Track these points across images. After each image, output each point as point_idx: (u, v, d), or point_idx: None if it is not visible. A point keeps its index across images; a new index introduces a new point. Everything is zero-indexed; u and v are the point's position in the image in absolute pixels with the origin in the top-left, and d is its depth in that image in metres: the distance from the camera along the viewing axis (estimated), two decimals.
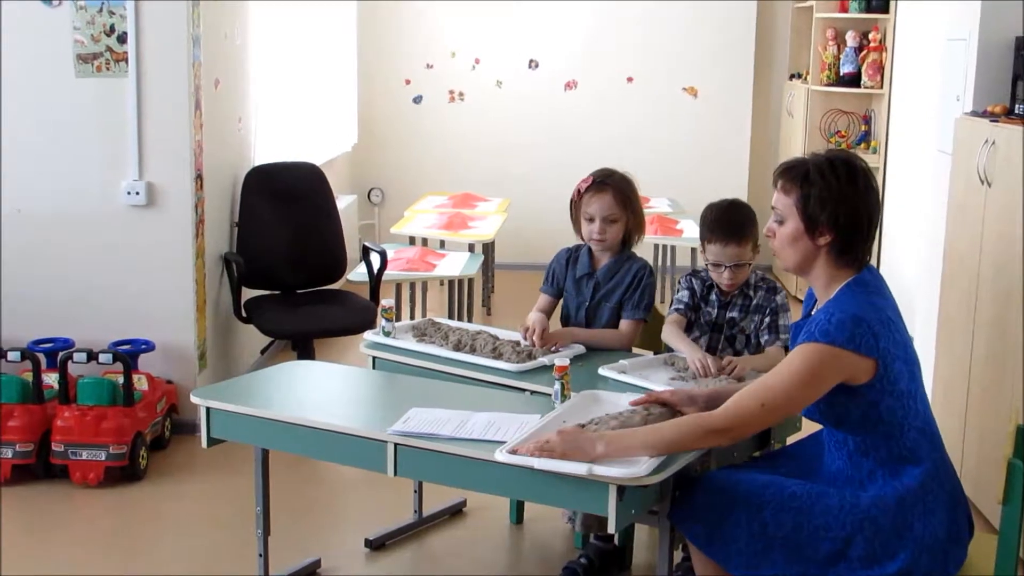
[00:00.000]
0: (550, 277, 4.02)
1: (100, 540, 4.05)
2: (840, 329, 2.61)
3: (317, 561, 3.81)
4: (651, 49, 8.78)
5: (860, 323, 2.62)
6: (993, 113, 4.28)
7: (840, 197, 2.68)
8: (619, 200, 3.83)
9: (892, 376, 2.65)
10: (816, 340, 2.62)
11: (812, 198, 2.70)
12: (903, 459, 2.68)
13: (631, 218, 3.87)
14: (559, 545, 4.02)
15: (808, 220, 2.71)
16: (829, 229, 2.70)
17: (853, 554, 2.61)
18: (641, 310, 3.83)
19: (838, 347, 2.60)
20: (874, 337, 2.62)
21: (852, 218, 2.69)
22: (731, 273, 3.62)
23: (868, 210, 2.72)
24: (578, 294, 3.94)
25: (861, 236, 2.72)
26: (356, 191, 8.73)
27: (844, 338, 2.60)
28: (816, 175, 2.71)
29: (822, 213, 2.69)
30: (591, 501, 2.71)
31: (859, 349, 2.60)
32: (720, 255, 3.61)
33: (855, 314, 2.63)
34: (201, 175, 4.99)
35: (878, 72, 7.42)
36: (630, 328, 3.84)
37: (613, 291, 3.87)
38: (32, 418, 4.45)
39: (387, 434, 2.99)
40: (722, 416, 2.69)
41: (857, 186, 2.70)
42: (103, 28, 4.74)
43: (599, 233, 3.83)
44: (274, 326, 5.18)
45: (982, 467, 4.06)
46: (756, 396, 2.68)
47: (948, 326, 4.54)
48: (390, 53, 8.90)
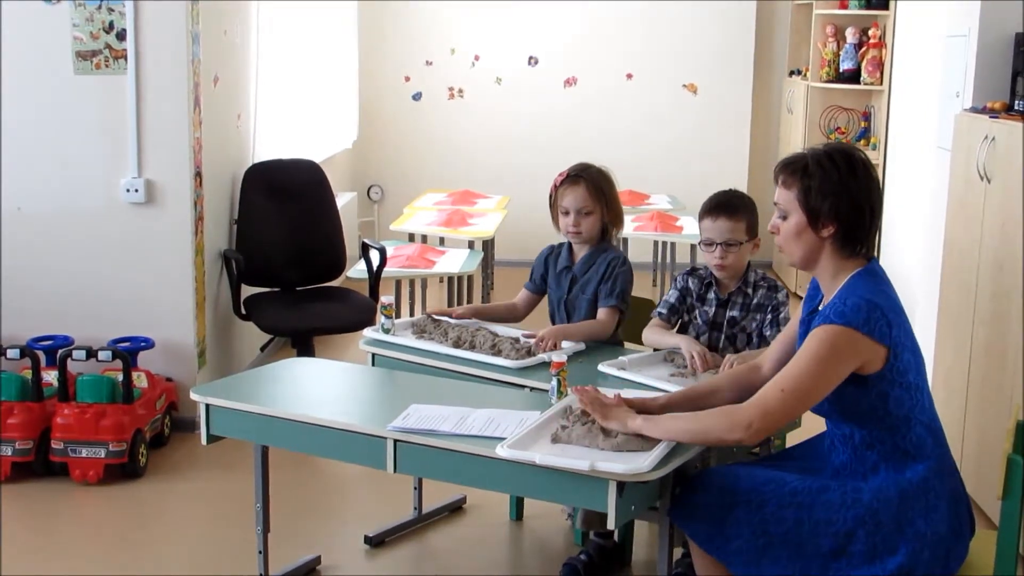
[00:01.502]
0: (532, 273, 4.08)
1: (100, 537, 4.05)
2: (856, 312, 2.61)
3: (317, 558, 3.81)
4: (651, 46, 8.78)
5: (875, 308, 2.62)
6: (993, 109, 4.28)
7: (840, 188, 2.69)
8: (592, 193, 3.87)
9: (902, 367, 2.65)
10: (832, 322, 2.63)
11: (813, 190, 2.70)
12: (907, 454, 2.68)
13: (606, 210, 3.91)
14: (559, 542, 4.02)
15: (811, 213, 2.72)
16: (832, 220, 2.70)
17: (854, 549, 2.61)
18: (614, 298, 3.84)
19: (853, 329, 2.60)
20: (888, 325, 2.62)
21: (854, 208, 2.70)
22: (722, 251, 3.60)
23: (869, 199, 2.72)
24: (558, 288, 3.99)
25: (864, 225, 2.72)
26: (356, 188, 8.73)
27: (860, 321, 2.60)
28: (815, 168, 2.72)
29: (824, 205, 2.69)
30: (591, 497, 2.71)
31: (873, 334, 2.60)
32: (711, 230, 3.62)
33: (870, 299, 2.64)
34: (200, 172, 4.98)
35: (878, 68, 7.42)
36: (606, 315, 3.85)
37: (588, 283, 3.90)
38: (32, 416, 4.45)
39: (387, 431, 2.99)
40: (746, 408, 2.69)
41: (857, 176, 2.71)
42: (102, 25, 4.74)
43: (574, 226, 3.88)
44: (273, 323, 5.18)
45: (982, 463, 4.06)
46: (776, 383, 2.67)
47: (948, 322, 4.54)
48: (390, 50, 8.90)
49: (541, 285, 4.06)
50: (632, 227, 7.01)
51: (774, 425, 2.67)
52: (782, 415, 2.65)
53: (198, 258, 4.97)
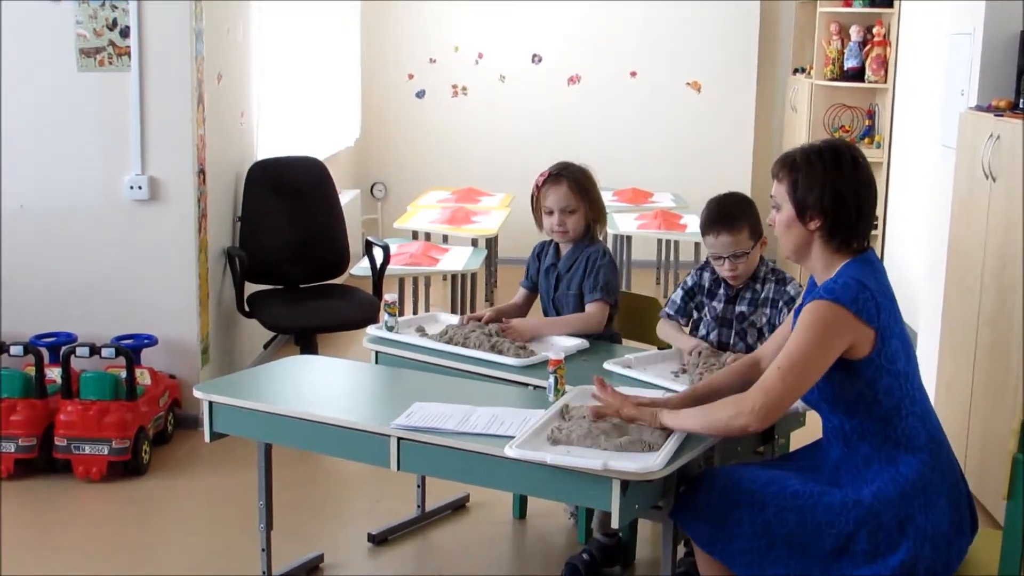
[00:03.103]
0: (528, 271, 4.11)
1: (103, 535, 4.05)
2: (845, 290, 2.64)
3: (320, 556, 3.80)
4: (654, 44, 8.77)
5: (864, 289, 2.65)
6: (997, 107, 4.27)
7: (823, 181, 2.73)
8: (575, 190, 3.89)
9: (890, 353, 2.66)
10: (821, 298, 2.66)
11: (799, 184, 2.75)
12: (899, 445, 2.68)
13: (589, 207, 3.92)
14: (562, 540, 4.02)
15: (798, 205, 2.76)
16: (818, 213, 2.74)
17: (856, 549, 2.61)
18: (599, 290, 3.85)
19: (841, 306, 2.63)
20: (876, 307, 2.65)
21: (837, 201, 2.72)
22: (731, 264, 3.61)
23: (855, 192, 2.74)
24: (546, 286, 4.01)
25: (850, 218, 2.74)
26: (359, 186, 8.73)
27: (848, 299, 2.63)
28: (802, 161, 2.77)
29: (809, 197, 2.74)
30: (595, 496, 2.71)
31: (861, 314, 2.62)
32: (716, 246, 3.61)
33: (859, 280, 2.67)
34: (204, 169, 4.98)
35: (882, 67, 7.40)
36: (594, 309, 3.86)
37: (572, 280, 3.92)
38: (35, 412, 4.45)
39: (390, 428, 2.99)
40: (749, 393, 2.72)
41: (841, 169, 2.74)
42: (106, 22, 4.73)
43: (559, 225, 3.90)
44: (277, 321, 5.18)
45: (986, 463, 4.06)
46: (775, 364, 2.70)
47: (952, 321, 4.53)
48: (393, 48, 8.89)
49: (536, 281, 4.08)
50: (635, 225, 7.02)
51: (776, 405, 2.68)
52: (783, 393, 2.67)
53: (201, 255, 4.97)
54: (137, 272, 4.90)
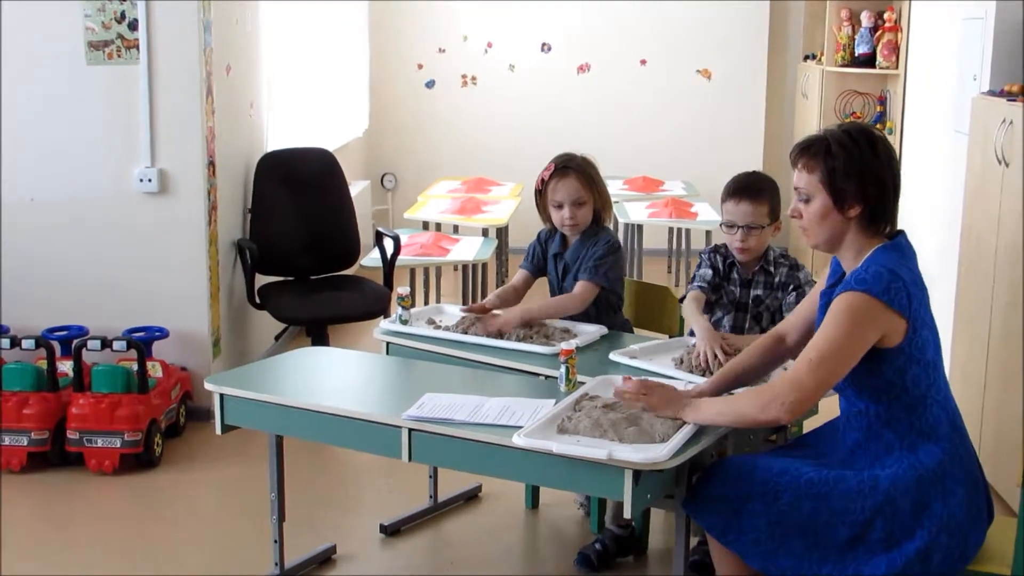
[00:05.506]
0: (529, 253, 4.07)
1: (116, 527, 4.06)
2: (877, 280, 2.60)
3: (332, 547, 3.81)
4: (664, 32, 8.74)
5: (896, 278, 2.61)
6: (1010, 92, 4.25)
7: (865, 167, 2.68)
8: (584, 182, 3.87)
9: (920, 343, 2.64)
10: (853, 289, 2.62)
11: (838, 172, 2.69)
12: (922, 434, 2.66)
13: (597, 198, 3.92)
14: (574, 531, 4.02)
15: (836, 194, 2.70)
16: (858, 200, 2.69)
17: (872, 537, 2.59)
18: (588, 271, 3.82)
19: (873, 296, 2.59)
20: (908, 297, 2.61)
21: (879, 186, 2.70)
22: (743, 235, 3.59)
23: (892, 175, 2.72)
24: (554, 272, 4.00)
25: (889, 202, 2.72)
26: (369, 176, 8.72)
27: (880, 289, 2.59)
28: (838, 148, 2.70)
29: (850, 185, 2.68)
30: (607, 486, 2.70)
31: (893, 304, 2.59)
32: (734, 213, 3.59)
33: (892, 269, 2.63)
34: (213, 161, 4.98)
35: (893, 52, 7.36)
36: (581, 288, 3.83)
37: (580, 269, 3.89)
38: (47, 406, 4.46)
39: (402, 419, 2.99)
40: (778, 385, 2.68)
41: (878, 154, 2.71)
42: (114, 15, 4.73)
43: (570, 218, 3.88)
44: (288, 312, 5.18)
45: (1000, 450, 4.03)
46: (804, 355, 2.66)
47: (965, 308, 4.51)
48: (402, 37, 8.87)
49: (540, 265, 4.05)
50: (646, 213, 7.00)
51: (807, 398, 2.63)
52: (814, 387, 2.62)
53: (212, 247, 4.97)
54: (148, 265, 4.90)
